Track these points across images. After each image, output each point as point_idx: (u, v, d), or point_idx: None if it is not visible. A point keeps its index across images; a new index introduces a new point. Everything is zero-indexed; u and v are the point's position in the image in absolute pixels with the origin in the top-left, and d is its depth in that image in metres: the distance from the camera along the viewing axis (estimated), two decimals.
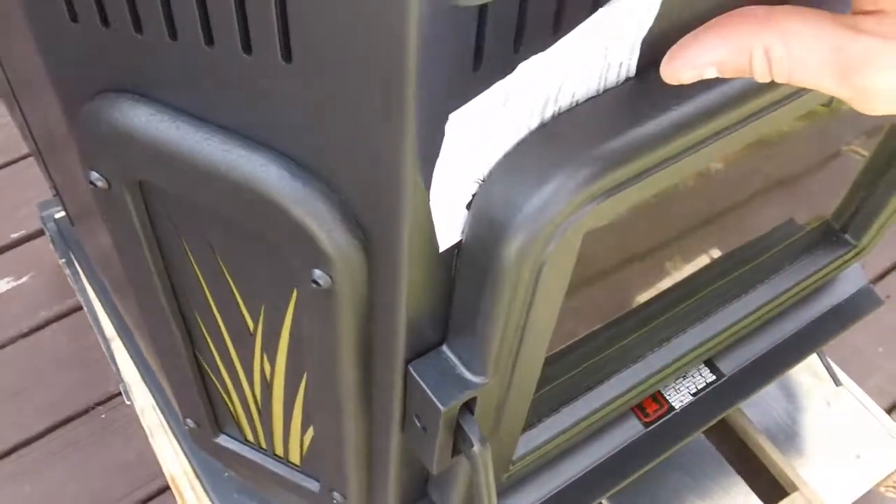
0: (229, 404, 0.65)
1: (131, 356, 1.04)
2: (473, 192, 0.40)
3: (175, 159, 0.41)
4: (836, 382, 0.97)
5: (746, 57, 0.32)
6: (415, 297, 0.45)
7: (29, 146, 0.89)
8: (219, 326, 0.55)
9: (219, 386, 0.63)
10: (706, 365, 0.80)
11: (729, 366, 0.81)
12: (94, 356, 1.17)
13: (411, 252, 0.42)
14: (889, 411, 1.20)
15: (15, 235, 1.31)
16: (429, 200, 0.39)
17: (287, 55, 0.34)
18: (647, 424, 0.77)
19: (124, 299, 0.76)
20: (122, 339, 1.05)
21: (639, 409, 0.77)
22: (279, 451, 0.68)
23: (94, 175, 0.45)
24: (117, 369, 1.05)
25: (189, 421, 0.68)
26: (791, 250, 0.80)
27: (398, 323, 0.46)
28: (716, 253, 0.76)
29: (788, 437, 1.07)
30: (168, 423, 0.99)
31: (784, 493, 1.07)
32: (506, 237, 0.40)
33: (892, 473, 1.08)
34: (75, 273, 1.12)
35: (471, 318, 0.46)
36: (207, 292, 0.52)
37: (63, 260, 1.14)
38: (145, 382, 1.02)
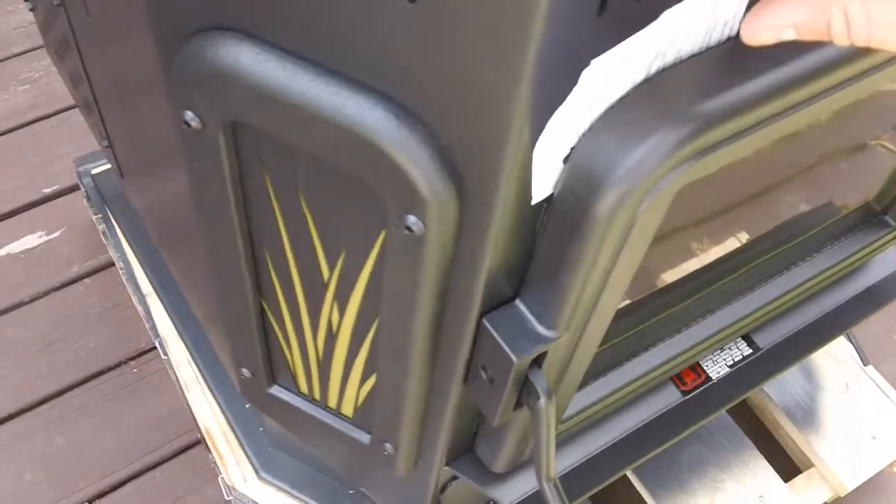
0: (288, 354, 0.66)
1: (168, 311, 1.05)
2: (573, 146, 0.41)
3: (279, 100, 0.42)
4: (865, 362, 0.99)
5: (825, 18, 0.32)
6: (499, 248, 0.46)
7: (78, 97, 0.90)
8: (291, 274, 0.56)
9: (280, 335, 0.64)
10: (743, 339, 0.82)
11: (765, 340, 0.83)
12: (125, 313, 1.18)
13: (504, 202, 0.43)
14: None
15: (47, 190, 1.31)
16: (530, 150, 0.40)
17: None
18: (684, 393, 0.79)
19: (179, 249, 0.77)
20: (158, 294, 1.07)
21: (678, 379, 0.79)
22: (332, 403, 0.69)
23: (189, 115, 0.46)
24: (153, 324, 1.06)
25: (244, 370, 0.69)
26: (832, 231, 0.82)
27: (479, 274, 0.47)
28: (758, 231, 0.78)
29: (807, 415, 1.09)
30: (204, 377, 1.00)
31: (799, 470, 1.09)
32: (602, 190, 0.41)
33: None
34: (111, 228, 1.13)
35: (552, 272, 0.47)
36: (285, 239, 0.53)
37: (98, 215, 1.15)
38: (181, 337, 1.04)
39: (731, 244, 0.76)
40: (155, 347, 1.13)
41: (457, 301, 0.50)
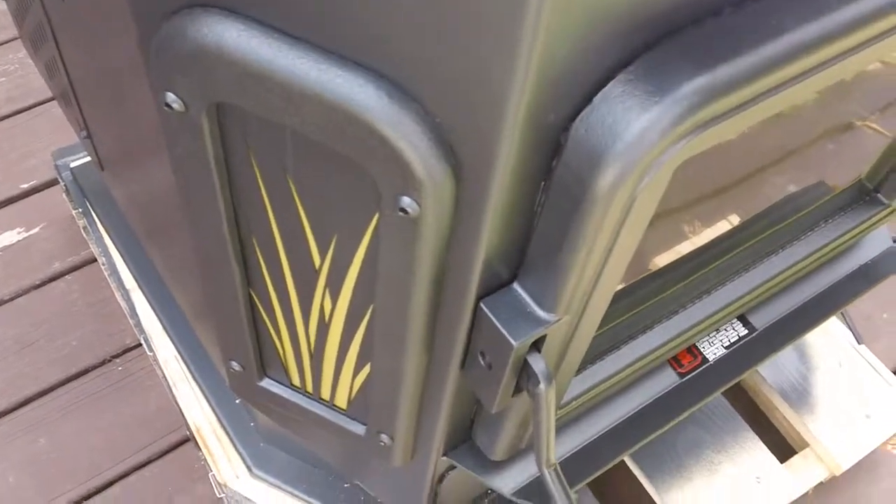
0: (279, 346, 0.64)
1: (153, 306, 1.03)
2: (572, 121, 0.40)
3: (265, 78, 0.40)
4: (859, 340, 0.98)
5: None
6: (496, 229, 0.45)
7: (55, 87, 0.87)
8: (280, 262, 0.55)
9: (270, 326, 0.62)
10: (739, 320, 0.81)
11: (761, 321, 0.82)
12: (108, 309, 1.16)
13: (502, 181, 0.41)
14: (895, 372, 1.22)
15: (24, 186, 1.28)
16: (528, 126, 0.39)
17: None
18: (681, 375, 0.78)
19: (163, 242, 0.75)
20: (142, 289, 1.04)
21: (674, 361, 0.78)
22: (326, 395, 0.68)
23: (171, 97, 0.44)
24: (138, 320, 1.04)
25: (234, 364, 0.67)
26: (824, 210, 0.81)
27: (476, 256, 0.46)
28: (751, 211, 0.77)
29: (801, 395, 1.09)
30: (192, 373, 0.98)
31: (795, 450, 1.09)
32: (603, 166, 0.40)
33: None
34: (91, 223, 1.11)
35: (551, 252, 0.46)
36: (274, 225, 0.52)
37: (78, 210, 1.12)
38: (168, 333, 1.02)
39: (723, 226, 0.75)
40: (140, 344, 1.11)
41: (453, 285, 0.49)
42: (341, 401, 0.67)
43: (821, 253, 0.80)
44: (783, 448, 1.09)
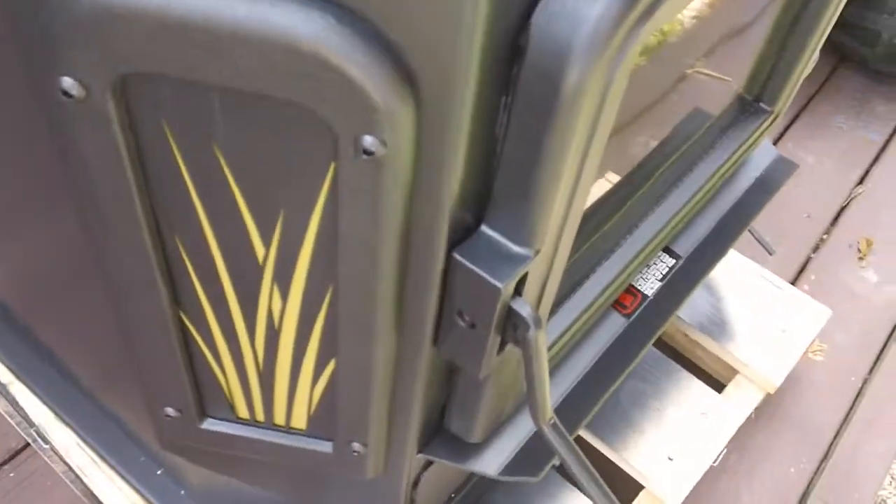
0: (219, 374, 0.57)
1: (39, 395, 0.91)
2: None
3: (185, 27, 0.35)
4: (770, 251, 1.01)
5: None
6: (461, 162, 0.41)
7: None
8: (215, 266, 0.48)
9: (208, 352, 0.55)
10: (665, 252, 0.81)
11: (684, 248, 0.83)
12: None
13: (464, 98, 0.38)
14: (792, 282, 1.28)
15: None
16: (490, 37, 0.36)
17: None
18: (627, 316, 0.77)
19: (55, 308, 0.66)
20: (22, 380, 0.92)
21: (618, 305, 0.77)
22: (280, 418, 0.61)
23: (68, 82, 0.38)
24: (23, 416, 0.92)
25: (168, 410, 0.59)
26: (717, 129, 0.83)
27: (444, 193, 0.42)
28: (653, 142, 0.77)
29: (718, 327, 1.11)
30: (102, 454, 0.87)
31: (727, 380, 1.11)
32: (573, 51, 0.37)
33: (815, 339, 1.15)
34: None
35: (523, 174, 0.43)
36: (203, 218, 0.45)
37: None
38: (63, 419, 0.90)
39: (637, 160, 0.75)
40: (28, 444, 0.98)
41: (422, 236, 0.44)
42: (299, 420, 0.61)
43: (723, 170, 0.82)
44: (716, 382, 1.11)
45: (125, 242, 0.46)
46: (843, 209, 1.40)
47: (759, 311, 1.13)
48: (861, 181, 1.44)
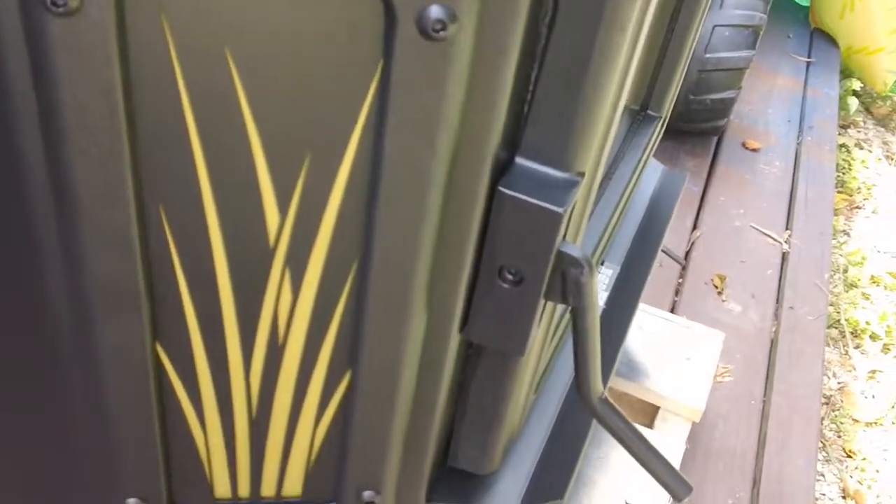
0: (198, 436, 0.45)
1: None
2: None
3: None
4: (680, 262, 1.03)
5: None
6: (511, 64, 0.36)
7: None
8: (211, 256, 0.39)
9: (186, 398, 0.44)
10: (602, 265, 0.80)
11: (616, 258, 0.81)
12: None
13: None
14: (671, 311, 1.31)
15: None
16: None
17: None
18: None
19: None
20: None
21: None
22: (270, 489, 0.49)
23: None
24: None
25: (131, 501, 0.46)
26: (619, 141, 0.84)
27: (499, 98, 0.37)
28: None
29: (628, 367, 1.10)
30: None
31: (651, 417, 1.08)
32: None
33: (717, 364, 1.16)
34: None
35: (567, 82, 0.39)
36: (203, 176, 0.36)
37: None
38: None
39: None
40: None
41: (471, 160, 0.38)
42: (294, 483, 0.50)
43: (635, 177, 0.83)
44: (641, 421, 1.08)
45: (98, 234, 0.35)
46: (688, 253, 1.48)
47: (658, 344, 1.13)
48: (695, 226, 1.54)
